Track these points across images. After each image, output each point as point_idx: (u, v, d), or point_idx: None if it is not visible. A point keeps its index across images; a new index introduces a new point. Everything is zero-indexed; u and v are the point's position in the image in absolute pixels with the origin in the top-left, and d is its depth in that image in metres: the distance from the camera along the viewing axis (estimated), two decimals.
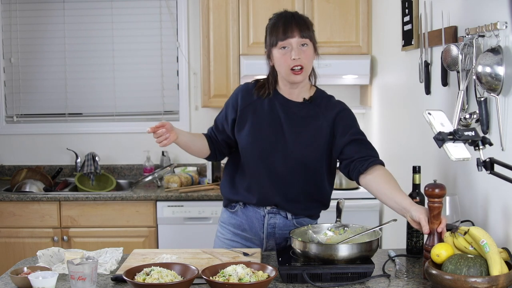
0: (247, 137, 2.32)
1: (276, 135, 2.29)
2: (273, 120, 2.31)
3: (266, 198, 2.33)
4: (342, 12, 3.87)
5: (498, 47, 1.95)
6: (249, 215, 2.38)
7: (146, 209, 3.69)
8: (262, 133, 2.30)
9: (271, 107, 2.32)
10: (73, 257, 1.98)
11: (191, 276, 1.83)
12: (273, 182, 2.30)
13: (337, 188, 3.73)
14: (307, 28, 2.23)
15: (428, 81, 2.69)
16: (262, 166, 2.30)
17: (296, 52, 2.20)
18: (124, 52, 4.27)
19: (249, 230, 2.39)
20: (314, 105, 2.33)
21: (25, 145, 4.31)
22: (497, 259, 1.72)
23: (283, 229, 2.35)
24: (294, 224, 2.35)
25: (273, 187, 2.31)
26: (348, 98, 4.29)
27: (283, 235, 2.36)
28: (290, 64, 2.22)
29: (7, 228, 3.69)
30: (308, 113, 2.31)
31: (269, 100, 2.33)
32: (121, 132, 4.32)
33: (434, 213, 1.92)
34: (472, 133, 1.84)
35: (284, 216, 2.35)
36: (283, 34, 2.20)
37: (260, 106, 2.33)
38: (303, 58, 2.22)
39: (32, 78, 4.29)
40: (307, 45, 2.24)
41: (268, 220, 2.36)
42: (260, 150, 2.30)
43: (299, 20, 2.24)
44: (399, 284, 1.92)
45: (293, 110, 2.31)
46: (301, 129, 2.29)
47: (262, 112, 2.32)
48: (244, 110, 2.35)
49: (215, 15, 3.85)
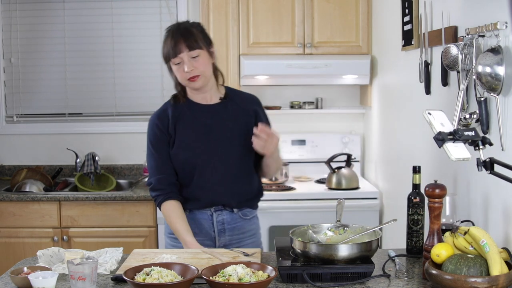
0: (181, 152, 2.42)
1: (210, 140, 2.42)
2: (201, 128, 2.43)
3: (211, 200, 2.45)
4: (342, 12, 3.87)
5: (498, 47, 1.95)
6: (196, 218, 2.47)
7: (146, 209, 3.69)
8: (195, 144, 2.42)
9: (193, 116, 2.45)
10: (73, 257, 1.97)
11: (191, 276, 1.83)
12: (216, 185, 2.43)
13: (337, 188, 3.73)
14: (194, 40, 2.34)
15: (428, 81, 2.69)
16: (202, 173, 2.41)
17: (188, 65, 2.34)
18: (124, 52, 4.27)
19: (200, 233, 2.45)
20: (231, 101, 2.48)
21: (25, 145, 4.31)
22: (497, 259, 1.72)
23: (231, 223, 2.48)
24: (240, 216, 2.49)
25: (217, 190, 2.43)
26: (348, 98, 4.31)
27: (232, 229, 2.49)
28: (185, 76, 2.36)
29: (7, 228, 3.69)
30: (231, 110, 2.46)
31: (188, 110, 2.45)
32: (121, 132, 4.32)
33: (435, 213, 1.93)
34: (472, 133, 1.84)
35: (230, 211, 2.48)
36: (173, 50, 2.34)
37: (181, 120, 2.44)
38: (197, 68, 2.35)
39: (32, 78, 4.29)
40: (198, 55, 2.35)
41: (216, 218, 2.47)
42: (197, 160, 2.41)
43: (186, 34, 2.35)
44: (399, 284, 1.92)
45: (217, 112, 2.45)
46: (231, 126, 2.44)
47: (187, 124, 2.44)
48: (169, 131, 2.44)
49: (215, 15, 3.85)
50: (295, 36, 3.88)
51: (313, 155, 4.17)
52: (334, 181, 3.75)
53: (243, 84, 3.87)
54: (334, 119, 4.31)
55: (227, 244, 2.49)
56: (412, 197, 2.21)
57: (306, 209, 3.64)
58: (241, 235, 2.52)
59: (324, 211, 3.57)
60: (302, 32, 3.88)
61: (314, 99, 4.25)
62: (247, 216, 2.53)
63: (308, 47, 3.87)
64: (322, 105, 4.23)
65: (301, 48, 3.88)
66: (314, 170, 4.14)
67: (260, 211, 3.58)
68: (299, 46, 3.88)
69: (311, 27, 3.87)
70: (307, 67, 3.83)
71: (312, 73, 3.84)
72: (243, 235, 2.52)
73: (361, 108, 4.25)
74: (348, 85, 4.20)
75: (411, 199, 2.21)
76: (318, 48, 3.89)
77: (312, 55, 3.88)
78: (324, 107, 4.24)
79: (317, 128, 4.31)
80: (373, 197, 3.68)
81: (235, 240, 2.50)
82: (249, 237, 2.54)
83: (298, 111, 4.22)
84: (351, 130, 4.29)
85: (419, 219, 2.21)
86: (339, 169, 3.75)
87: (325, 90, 4.28)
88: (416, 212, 2.21)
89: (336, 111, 4.27)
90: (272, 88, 4.22)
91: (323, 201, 3.65)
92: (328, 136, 4.21)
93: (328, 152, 4.03)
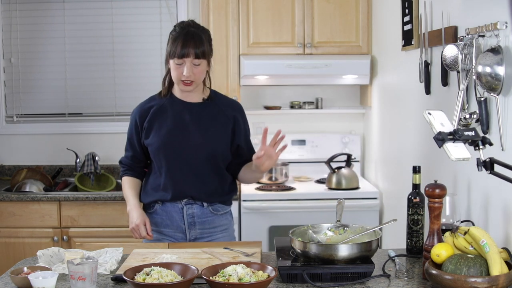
0: (157, 141, 2.53)
1: (184, 135, 2.51)
2: (179, 122, 2.53)
3: (181, 192, 2.55)
4: (342, 12, 3.87)
5: (498, 47, 1.95)
6: (167, 211, 2.58)
7: None
8: (171, 135, 2.52)
9: (174, 111, 2.55)
10: (73, 257, 1.98)
11: (191, 276, 1.83)
12: (187, 177, 2.52)
13: (337, 188, 3.73)
14: (202, 50, 2.43)
15: (428, 81, 2.69)
16: (174, 165, 2.52)
17: (188, 69, 2.42)
18: (124, 52, 4.27)
19: (171, 224, 2.58)
20: (213, 103, 2.58)
21: (25, 145, 4.31)
22: (497, 259, 1.72)
23: (201, 217, 2.57)
24: (210, 211, 2.58)
25: (187, 182, 2.53)
26: (348, 98, 4.31)
27: (203, 223, 2.58)
28: (181, 78, 2.45)
29: (7, 228, 3.69)
30: (211, 111, 2.56)
31: (171, 105, 2.56)
32: (121, 132, 4.29)
33: (435, 213, 1.93)
34: (472, 133, 1.84)
35: (200, 205, 2.57)
36: (180, 52, 2.41)
37: (161, 112, 2.55)
38: (195, 74, 2.44)
39: (32, 78, 4.29)
40: (199, 64, 2.44)
41: (187, 211, 2.57)
42: (171, 150, 2.52)
43: (197, 41, 2.42)
44: (399, 284, 1.92)
45: (197, 110, 2.55)
46: (208, 126, 2.54)
47: (167, 117, 2.54)
48: (147, 122, 2.56)
49: (215, 15, 3.85)
50: (295, 36, 3.88)
51: (313, 155, 4.17)
52: (334, 181, 3.75)
53: (243, 84, 3.88)
54: (334, 119, 4.32)
55: (198, 237, 2.59)
56: (412, 197, 2.21)
57: (306, 209, 3.64)
58: (211, 229, 2.61)
59: (324, 211, 3.57)
60: (302, 32, 3.88)
61: (314, 99, 4.25)
62: (219, 212, 2.62)
63: (308, 47, 3.87)
64: (322, 105, 4.23)
65: (301, 48, 3.88)
66: (314, 170, 4.15)
67: (260, 211, 3.59)
68: (299, 46, 3.88)
69: (311, 27, 3.87)
70: (307, 67, 3.83)
71: (312, 73, 3.84)
72: (214, 229, 2.61)
73: (361, 108, 4.25)
74: (348, 85, 4.20)
75: (411, 199, 2.21)
76: (318, 48, 3.89)
77: (312, 55, 3.88)
78: (324, 107, 4.24)
79: (317, 128, 4.31)
80: (373, 197, 3.68)
81: (206, 234, 2.59)
82: (220, 231, 2.63)
83: (298, 111, 4.22)
84: (351, 130, 4.29)
85: (419, 219, 2.21)
86: (339, 169, 3.75)
87: (325, 90, 4.28)
88: (416, 212, 2.21)
89: (336, 111, 4.27)
90: (272, 88, 4.22)
91: (323, 201, 3.65)
92: (328, 136, 4.21)
93: (328, 152, 4.03)
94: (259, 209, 3.58)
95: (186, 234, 2.59)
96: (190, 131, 2.52)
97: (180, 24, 2.50)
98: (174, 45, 2.43)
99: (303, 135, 4.21)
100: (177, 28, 2.49)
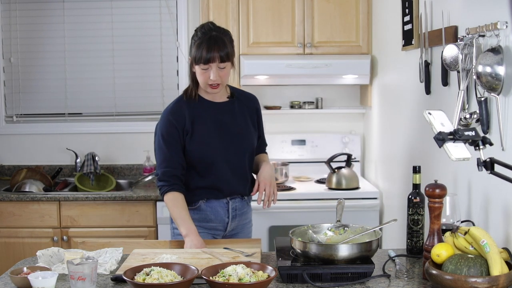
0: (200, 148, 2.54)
1: (225, 135, 2.56)
2: (217, 123, 2.57)
3: (232, 191, 2.62)
4: (342, 12, 3.87)
5: (499, 46, 1.95)
6: (213, 206, 2.61)
7: (146, 209, 3.69)
8: (214, 138, 2.55)
9: (208, 113, 2.57)
10: (73, 257, 1.97)
11: (191, 276, 1.83)
12: (233, 176, 2.59)
13: (337, 188, 3.72)
14: (226, 54, 2.46)
15: (428, 81, 2.69)
16: (221, 166, 2.56)
17: (215, 74, 2.46)
18: (124, 52, 4.27)
19: (215, 219, 2.63)
20: (237, 100, 2.65)
21: (25, 145, 4.31)
22: (498, 259, 1.72)
23: (241, 209, 2.68)
24: (247, 203, 2.71)
25: (234, 180, 2.60)
26: (348, 98, 4.31)
27: (242, 215, 2.69)
28: (208, 82, 2.48)
29: (7, 228, 3.69)
30: (238, 108, 2.63)
31: (203, 107, 2.57)
32: (121, 132, 4.32)
33: (435, 213, 1.93)
34: (472, 133, 1.84)
35: (241, 198, 2.67)
36: (205, 57, 2.43)
37: (198, 116, 2.56)
38: (221, 77, 2.48)
39: (32, 78, 4.29)
40: (225, 67, 2.48)
41: (231, 205, 2.64)
42: (216, 153, 2.55)
43: (221, 45, 2.45)
44: (399, 284, 1.92)
45: (228, 108, 2.61)
46: (241, 122, 2.61)
47: (205, 121, 2.56)
48: (188, 126, 2.54)
49: (215, 15, 3.85)
50: (295, 36, 3.88)
51: (313, 155, 4.17)
52: (334, 181, 3.74)
53: (243, 84, 3.87)
54: (334, 119, 4.31)
55: (234, 228, 2.68)
56: (412, 197, 2.21)
57: (306, 209, 3.63)
58: (245, 220, 2.73)
59: (324, 211, 3.57)
60: (302, 32, 3.88)
61: (314, 99, 4.25)
62: (249, 203, 2.75)
63: (308, 47, 3.87)
64: (322, 105, 4.23)
65: (301, 48, 3.88)
66: (314, 170, 4.14)
67: (260, 211, 3.59)
68: (299, 46, 3.87)
69: (311, 27, 3.87)
70: (307, 67, 3.82)
71: (312, 73, 3.83)
72: (246, 221, 2.74)
73: (361, 108, 4.25)
74: (348, 85, 4.20)
75: (411, 199, 2.21)
76: (318, 48, 3.89)
77: (312, 55, 3.88)
78: (324, 107, 4.24)
79: (317, 128, 4.31)
80: (373, 197, 3.68)
81: (240, 226, 2.70)
82: (248, 222, 2.76)
83: (298, 111, 4.21)
84: (351, 130, 4.29)
85: (419, 219, 2.21)
86: (339, 169, 3.75)
87: (325, 90, 4.28)
88: (416, 212, 2.21)
89: (336, 111, 4.27)
90: (272, 88, 4.22)
91: (323, 201, 3.64)
92: (328, 136, 4.21)
93: (328, 152, 4.03)
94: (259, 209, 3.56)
95: (227, 227, 2.65)
96: (229, 130, 2.58)
97: (201, 29, 2.50)
98: (199, 51, 2.44)
99: (303, 135, 4.21)
100: (199, 33, 2.49)
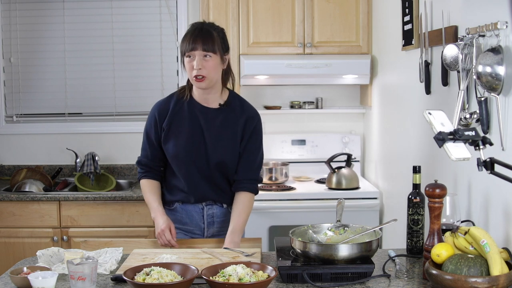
0: (173, 147, 2.54)
1: (198, 142, 2.53)
2: (194, 128, 2.54)
3: (203, 196, 2.59)
4: (342, 12, 3.87)
5: (499, 46, 1.95)
6: (188, 210, 2.63)
7: (146, 209, 3.63)
8: (187, 142, 2.53)
9: (191, 115, 2.55)
10: (73, 257, 1.97)
11: (191, 276, 1.83)
12: (203, 182, 2.56)
13: (337, 188, 3.72)
14: (211, 44, 2.46)
15: (428, 81, 2.69)
16: (190, 170, 2.55)
17: (198, 62, 2.44)
18: (124, 52, 4.27)
19: (190, 223, 2.63)
20: (230, 109, 2.58)
21: (25, 145, 4.31)
22: (498, 259, 1.72)
23: (220, 217, 2.64)
24: (228, 211, 2.61)
25: (205, 187, 2.57)
26: (348, 98, 4.31)
27: (221, 222, 2.63)
28: (193, 73, 2.46)
29: (7, 228, 3.68)
30: (225, 118, 2.56)
31: (188, 108, 2.56)
32: (121, 132, 4.32)
33: (435, 213, 1.93)
34: (472, 133, 1.84)
35: (220, 206, 2.63)
36: (189, 45, 2.45)
37: (179, 116, 2.56)
38: (205, 68, 2.45)
39: (32, 78, 4.29)
40: (210, 57, 2.46)
41: (207, 211, 2.62)
42: (187, 156, 2.53)
43: (206, 35, 2.46)
44: (399, 284, 1.92)
45: (212, 116, 2.56)
46: (219, 133, 2.54)
47: (184, 122, 2.55)
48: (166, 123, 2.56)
49: (215, 15, 3.85)
50: (295, 36, 3.88)
51: (313, 155, 4.17)
52: (334, 181, 3.74)
53: (243, 84, 3.87)
54: (334, 119, 4.31)
55: (215, 234, 2.64)
56: (412, 197, 2.21)
57: (306, 209, 3.63)
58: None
59: (324, 211, 3.57)
60: (302, 32, 3.88)
61: (314, 99, 4.25)
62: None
63: (308, 47, 3.87)
64: (322, 105, 4.23)
65: (301, 48, 3.88)
66: (314, 170, 4.14)
67: (260, 211, 3.59)
68: (299, 46, 3.87)
69: (311, 27, 3.87)
70: (307, 67, 3.82)
71: (312, 73, 3.83)
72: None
73: (361, 108, 4.25)
74: (348, 85, 4.20)
75: (411, 199, 2.21)
76: (318, 48, 3.89)
77: (312, 55, 3.88)
78: (324, 107, 4.24)
79: (317, 128, 4.30)
80: (373, 197, 3.68)
81: (223, 232, 2.59)
82: None
83: (298, 111, 4.21)
84: (351, 130, 4.29)
85: (419, 219, 2.21)
86: (339, 169, 3.75)
87: (325, 90, 4.28)
88: (416, 212, 2.21)
89: (336, 111, 4.27)
90: (272, 88, 4.21)
91: (323, 201, 3.64)
92: (328, 136, 4.20)
93: (328, 152, 4.03)
94: (259, 209, 3.58)
95: (204, 232, 2.64)
96: (203, 138, 2.54)
97: (192, 24, 2.55)
98: (185, 41, 2.48)
99: (303, 135, 4.21)
100: (189, 27, 2.54)
